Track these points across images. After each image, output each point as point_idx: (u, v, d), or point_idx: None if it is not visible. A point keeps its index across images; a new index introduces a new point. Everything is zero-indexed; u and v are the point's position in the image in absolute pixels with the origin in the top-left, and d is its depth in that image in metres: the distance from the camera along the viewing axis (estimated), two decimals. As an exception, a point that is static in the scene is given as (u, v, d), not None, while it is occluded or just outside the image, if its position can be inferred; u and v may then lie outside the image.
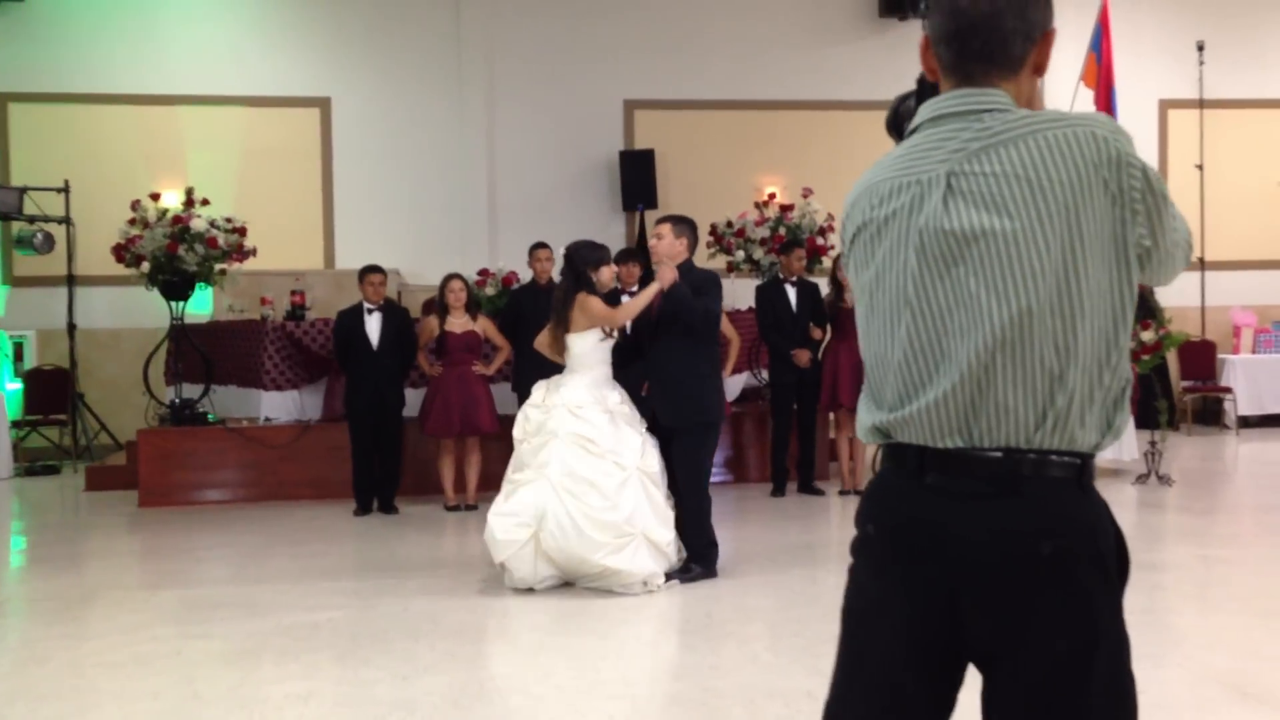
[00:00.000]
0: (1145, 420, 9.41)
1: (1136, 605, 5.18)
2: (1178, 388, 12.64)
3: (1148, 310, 11.91)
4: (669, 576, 5.65)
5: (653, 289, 5.79)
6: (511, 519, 5.52)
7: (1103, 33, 12.32)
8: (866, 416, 1.82)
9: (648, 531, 5.54)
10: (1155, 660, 4.43)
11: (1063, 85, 13.02)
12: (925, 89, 1.86)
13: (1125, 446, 8.91)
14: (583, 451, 5.54)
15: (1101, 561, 1.66)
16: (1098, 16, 12.38)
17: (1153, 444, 8.57)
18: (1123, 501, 8.14)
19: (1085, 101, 12.62)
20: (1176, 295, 13.01)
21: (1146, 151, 13.26)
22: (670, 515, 5.69)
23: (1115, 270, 1.66)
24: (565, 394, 5.74)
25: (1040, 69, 1.79)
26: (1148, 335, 8.66)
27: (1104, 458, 8.92)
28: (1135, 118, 13.07)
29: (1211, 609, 5.32)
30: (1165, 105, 13.58)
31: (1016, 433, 1.65)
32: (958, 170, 1.69)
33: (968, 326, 1.67)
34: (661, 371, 5.90)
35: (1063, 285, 1.63)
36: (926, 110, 1.78)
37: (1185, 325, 11.97)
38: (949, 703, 1.79)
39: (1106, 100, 12.29)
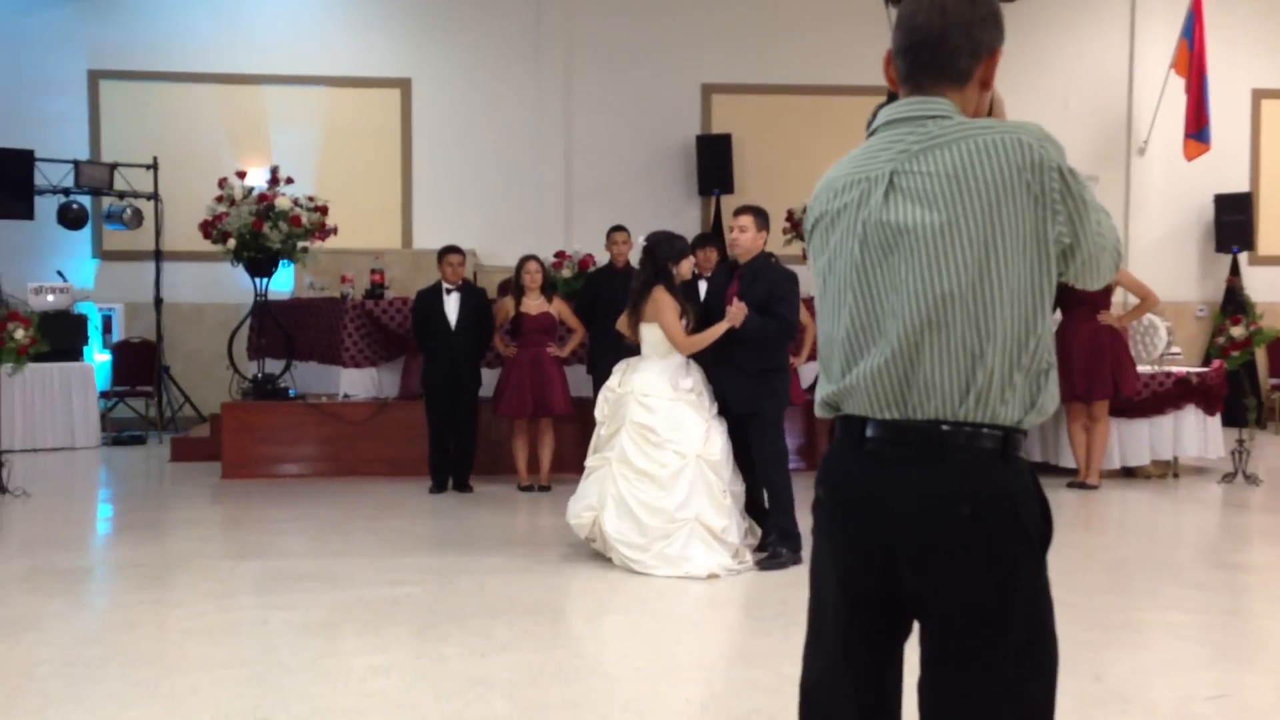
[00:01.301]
0: (1232, 418, 9.19)
1: (1222, 606, 5.13)
2: (1266, 385, 12.31)
3: (1239, 305, 11.62)
4: (758, 565, 5.71)
5: (722, 326, 5.84)
6: (580, 503, 5.88)
7: (1195, 20, 11.99)
8: (818, 392, 2.03)
9: (702, 517, 5.63)
10: (1242, 663, 4.34)
11: (1154, 73, 12.73)
12: (891, 100, 2.07)
13: (1211, 444, 8.70)
14: (643, 440, 5.73)
15: (1020, 526, 1.83)
16: (1191, 4, 12.05)
17: (1240, 442, 8.35)
18: (1208, 500, 7.96)
19: (1176, 89, 12.31)
20: (1267, 291, 12.69)
21: (1238, 143, 12.97)
22: (728, 504, 5.75)
23: (1036, 264, 1.84)
24: (637, 380, 5.91)
25: (986, 84, 1.98)
26: (1238, 331, 8.44)
27: (1189, 455, 8.74)
28: (1227, 107, 12.73)
29: (1301, 613, 5.18)
30: (1259, 95, 13.19)
31: (943, 406, 1.84)
32: (900, 169, 1.90)
33: (899, 308, 1.87)
34: (734, 362, 5.91)
35: (983, 273, 1.82)
36: (883, 115, 2.00)
37: (1277, 321, 11.65)
38: (894, 652, 1.98)
39: (1198, 89, 11.98)
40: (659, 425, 5.73)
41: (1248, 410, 8.61)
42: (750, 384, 5.84)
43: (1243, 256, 12.86)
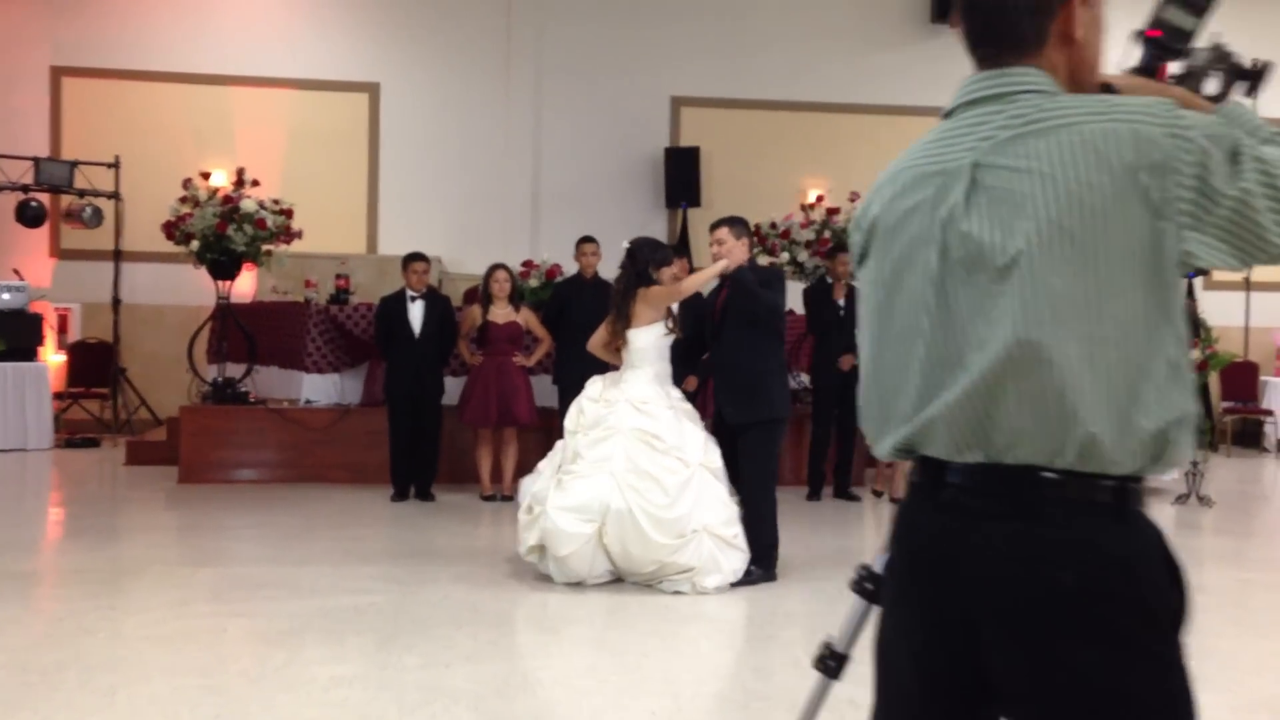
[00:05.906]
0: (1186, 440, 9.30)
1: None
2: (1218, 408, 12.51)
3: (1194, 329, 11.81)
4: (730, 584, 5.58)
5: (718, 266, 5.74)
6: (576, 514, 5.46)
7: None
8: (887, 436, 1.66)
9: (711, 527, 5.48)
10: (1202, 684, 4.37)
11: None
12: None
13: (1166, 466, 8.82)
14: (647, 448, 5.49)
15: (1138, 600, 1.46)
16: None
17: (1194, 464, 8.48)
18: (1162, 522, 8.01)
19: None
20: (1221, 315, 12.87)
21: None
22: (735, 510, 5.62)
23: (1150, 291, 1.45)
24: (628, 389, 5.69)
25: (1069, 38, 1.59)
26: (1194, 355, 8.58)
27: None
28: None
29: (1256, 634, 5.26)
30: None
31: (1036, 453, 1.49)
32: (983, 161, 1.53)
33: (987, 338, 1.51)
34: (727, 367, 5.84)
35: (1083, 306, 1.45)
36: (961, 94, 1.63)
37: (1229, 345, 11.84)
38: None
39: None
40: (663, 432, 5.53)
41: (1201, 433, 8.74)
42: (744, 392, 5.71)
43: (1198, 281, 13.07)
